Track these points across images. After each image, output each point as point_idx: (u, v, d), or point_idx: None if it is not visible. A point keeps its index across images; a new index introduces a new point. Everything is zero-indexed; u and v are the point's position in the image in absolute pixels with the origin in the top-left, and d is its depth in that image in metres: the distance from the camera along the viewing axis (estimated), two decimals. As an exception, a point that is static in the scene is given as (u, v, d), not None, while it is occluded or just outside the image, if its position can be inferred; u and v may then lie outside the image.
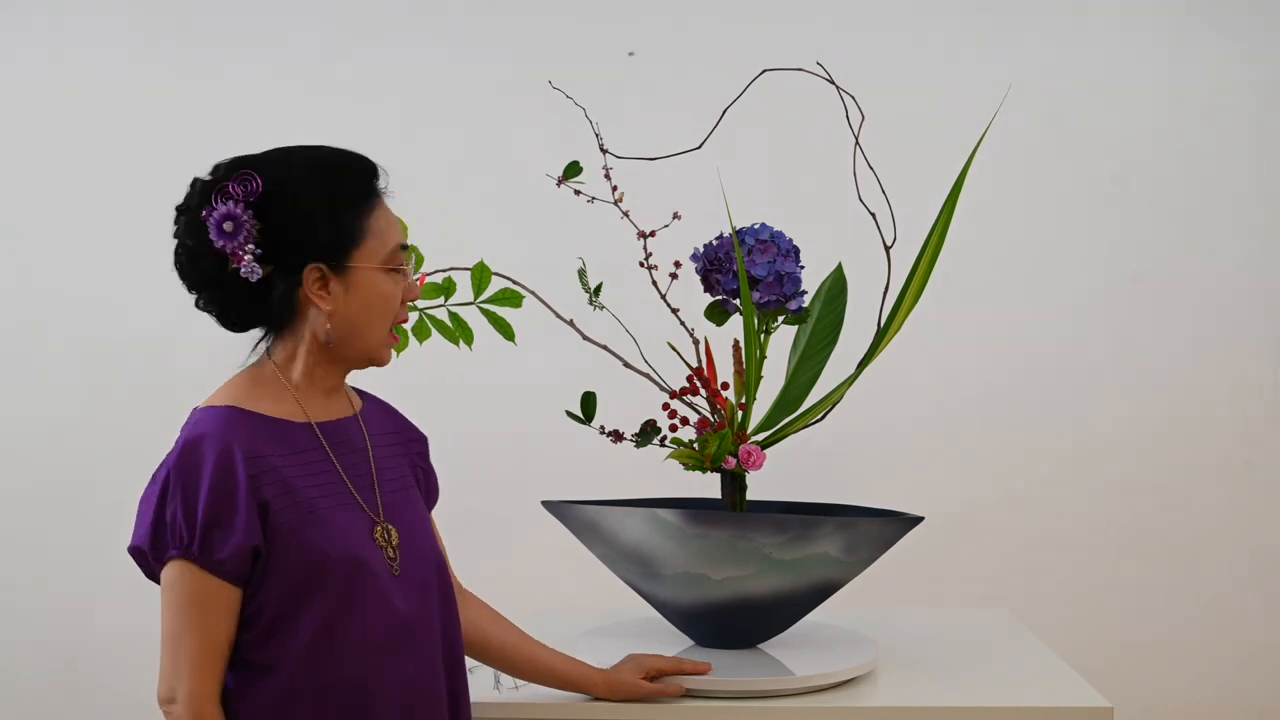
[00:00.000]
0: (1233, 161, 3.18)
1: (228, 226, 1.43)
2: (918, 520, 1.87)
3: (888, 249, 1.92)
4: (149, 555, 1.41)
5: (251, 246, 1.44)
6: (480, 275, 1.82)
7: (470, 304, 1.82)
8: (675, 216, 1.87)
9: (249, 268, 1.44)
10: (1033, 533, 3.20)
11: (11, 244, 3.29)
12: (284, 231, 1.45)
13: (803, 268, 1.92)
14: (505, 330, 1.84)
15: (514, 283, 1.86)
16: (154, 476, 1.43)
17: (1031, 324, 3.20)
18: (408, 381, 2.09)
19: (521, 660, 1.75)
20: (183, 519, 1.39)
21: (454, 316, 1.84)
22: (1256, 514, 3.19)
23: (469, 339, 1.85)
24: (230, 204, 1.43)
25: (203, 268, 1.46)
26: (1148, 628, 3.18)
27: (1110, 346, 3.20)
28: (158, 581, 1.43)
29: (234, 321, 1.51)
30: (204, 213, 1.44)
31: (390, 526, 1.53)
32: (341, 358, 1.53)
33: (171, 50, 3.26)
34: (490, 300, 1.83)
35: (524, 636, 1.76)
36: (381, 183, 1.54)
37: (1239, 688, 3.18)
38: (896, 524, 1.85)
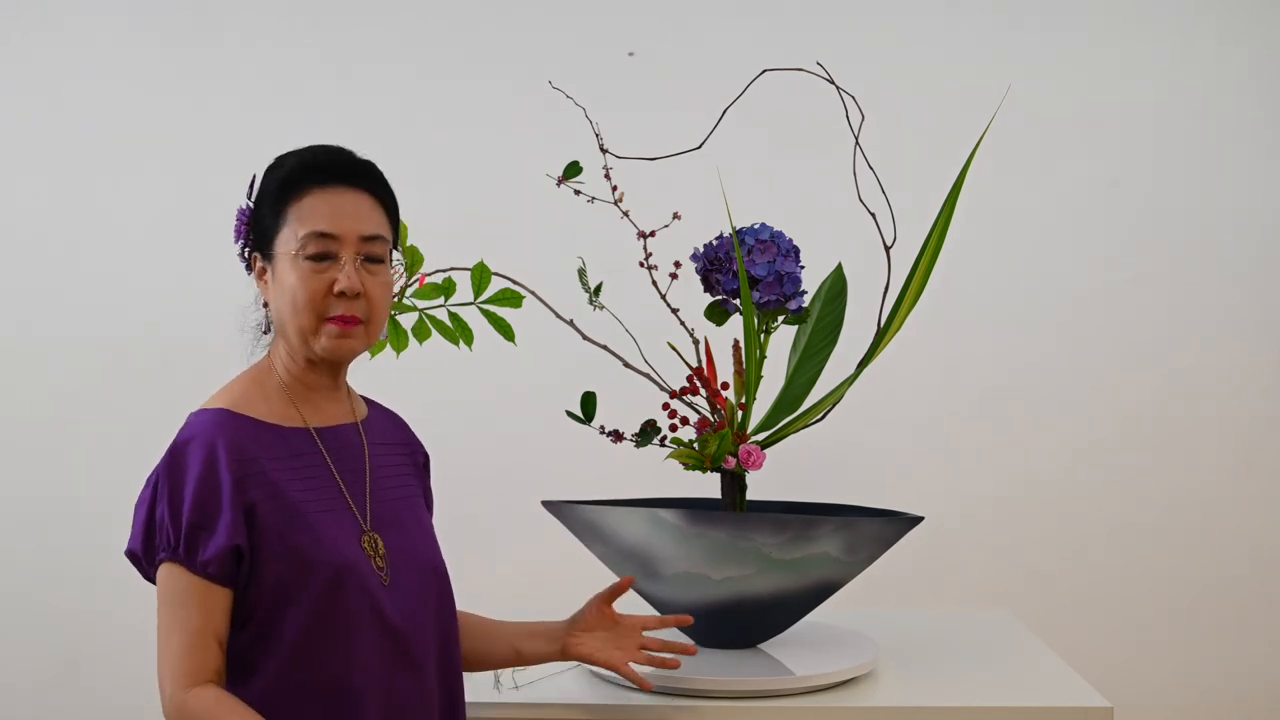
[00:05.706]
0: (1233, 161, 3.18)
1: (236, 223, 1.54)
2: (918, 520, 1.87)
3: (888, 249, 1.92)
4: (142, 558, 1.43)
5: (242, 242, 1.54)
6: (480, 275, 1.82)
7: (470, 304, 1.82)
8: (675, 216, 1.87)
9: (242, 261, 1.55)
10: (1033, 533, 3.19)
11: (6, 244, 3.29)
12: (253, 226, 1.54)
13: (803, 268, 1.92)
14: (505, 330, 1.84)
15: (514, 283, 1.86)
16: (147, 480, 1.46)
17: (1031, 324, 3.20)
18: (408, 382, 2.09)
19: (486, 657, 1.69)
20: (169, 521, 1.41)
21: (454, 317, 1.84)
22: (1256, 513, 3.18)
23: (469, 339, 1.85)
24: (242, 203, 1.53)
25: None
26: (1148, 628, 3.18)
27: (1110, 346, 3.20)
28: (154, 584, 1.45)
29: None
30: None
31: (376, 536, 1.49)
32: (303, 354, 1.50)
33: (173, 51, 3.25)
34: (490, 300, 1.83)
35: (476, 632, 1.69)
36: (330, 172, 1.48)
37: (1239, 687, 3.18)
38: (896, 524, 1.85)
